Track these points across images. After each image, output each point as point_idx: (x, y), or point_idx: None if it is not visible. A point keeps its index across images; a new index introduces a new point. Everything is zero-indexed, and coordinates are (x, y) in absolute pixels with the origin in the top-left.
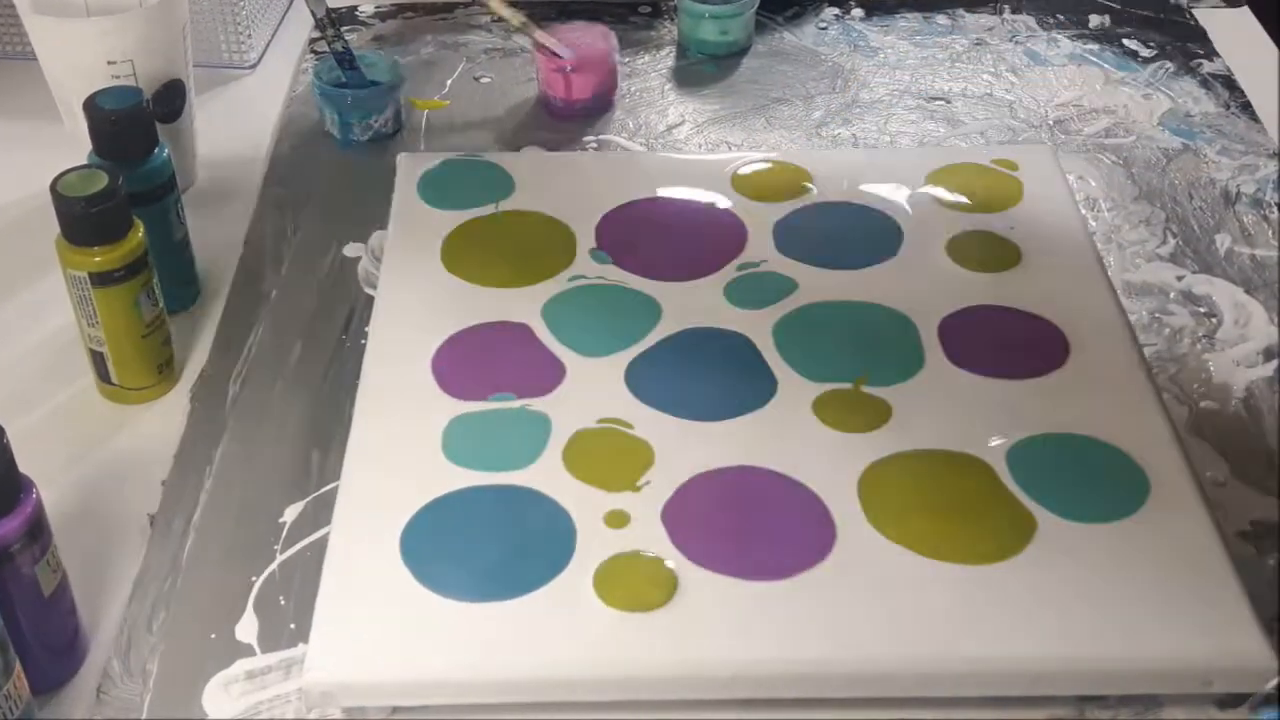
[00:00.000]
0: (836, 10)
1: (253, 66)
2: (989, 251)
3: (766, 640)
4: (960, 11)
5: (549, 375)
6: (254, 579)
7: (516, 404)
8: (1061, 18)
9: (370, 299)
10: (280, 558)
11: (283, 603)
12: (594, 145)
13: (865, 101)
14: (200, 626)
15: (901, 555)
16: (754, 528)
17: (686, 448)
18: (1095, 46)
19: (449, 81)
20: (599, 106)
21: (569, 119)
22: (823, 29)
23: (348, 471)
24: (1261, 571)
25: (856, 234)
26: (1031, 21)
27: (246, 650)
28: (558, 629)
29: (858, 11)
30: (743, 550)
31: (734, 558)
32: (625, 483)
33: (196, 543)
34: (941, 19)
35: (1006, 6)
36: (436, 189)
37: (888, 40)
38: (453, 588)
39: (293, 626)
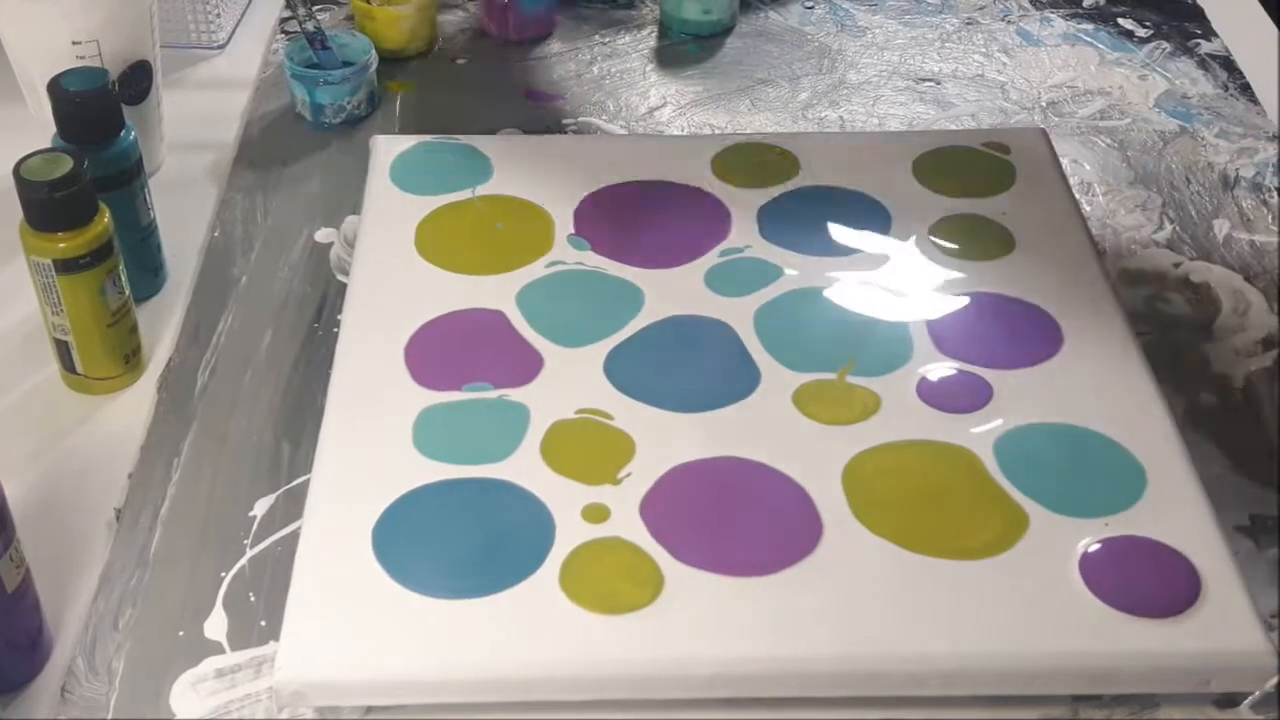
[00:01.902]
0: None
1: (221, 47)
2: (980, 237)
3: (749, 638)
4: None
5: (525, 365)
6: (223, 575)
7: (493, 394)
8: None
9: (343, 285)
10: (250, 553)
11: (253, 599)
12: (573, 128)
13: (853, 83)
14: (168, 624)
15: (889, 551)
16: (737, 522)
17: (667, 439)
18: (1090, 26)
19: (424, 63)
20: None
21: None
22: (809, 8)
23: (319, 465)
24: (1260, 566)
25: (843, 219)
26: (1024, 0)
27: (215, 648)
28: (534, 627)
29: None
30: (725, 545)
31: (716, 553)
32: (604, 475)
33: (164, 537)
34: None
35: None
36: (411, 173)
37: (875, 20)
38: (427, 584)
39: (263, 623)
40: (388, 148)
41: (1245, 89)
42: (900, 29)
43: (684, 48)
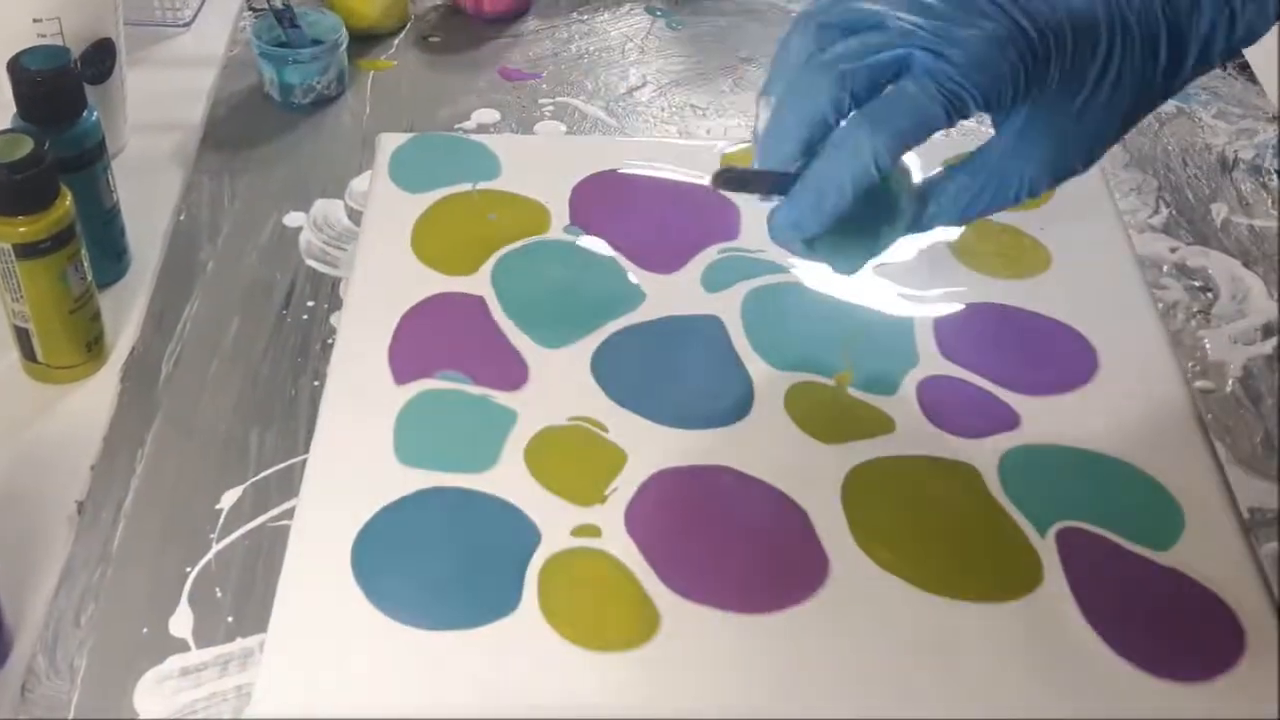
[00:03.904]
0: None
1: (187, 25)
2: (1013, 252)
3: (751, 690)
4: None
5: (507, 361)
6: (189, 570)
7: (474, 390)
8: None
9: (313, 271)
10: (217, 547)
11: (219, 595)
12: (550, 108)
13: None
14: (131, 620)
15: (899, 591)
16: (735, 548)
17: (657, 456)
18: None
19: (396, 41)
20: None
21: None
22: None
23: (307, 479)
24: (1259, 562)
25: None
26: None
27: (181, 645)
28: (521, 665)
29: None
30: (724, 575)
31: (714, 584)
32: (594, 494)
33: (127, 531)
34: None
35: None
36: (413, 169)
37: None
38: (409, 612)
39: (230, 620)
40: (390, 145)
41: (1244, 69)
42: None
43: (666, 25)
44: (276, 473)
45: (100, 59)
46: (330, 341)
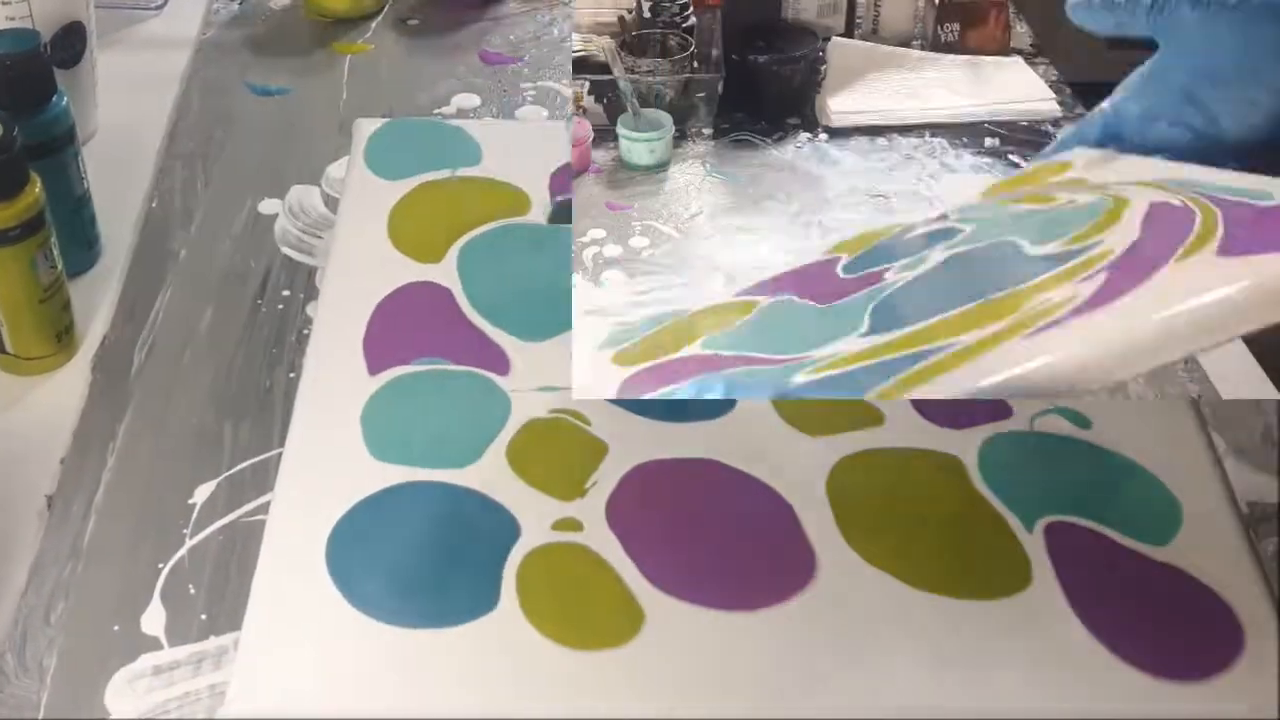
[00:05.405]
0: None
1: (159, 8)
2: None
3: (738, 694)
4: (895, 136)
5: (486, 349)
6: (161, 566)
7: (454, 373)
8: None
9: (288, 259)
10: (190, 542)
11: (193, 592)
12: (532, 93)
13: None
14: (103, 618)
15: (887, 586)
16: (719, 543)
17: (639, 448)
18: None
19: (373, 24)
20: None
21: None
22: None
23: (282, 473)
24: (1259, 559)
25: None
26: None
27: (153, 643)
28: (501, 665)
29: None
30: (708, 571)
31: (699, 580)
32: (574, 487)
33: (98, 526)
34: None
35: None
36: (390, 155)
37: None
38: (387, 609)
39: (203, 618)
40: (367, 130)
41: None
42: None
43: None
44: (251, 466)
45: (70, 42)
46: (306, 332)
